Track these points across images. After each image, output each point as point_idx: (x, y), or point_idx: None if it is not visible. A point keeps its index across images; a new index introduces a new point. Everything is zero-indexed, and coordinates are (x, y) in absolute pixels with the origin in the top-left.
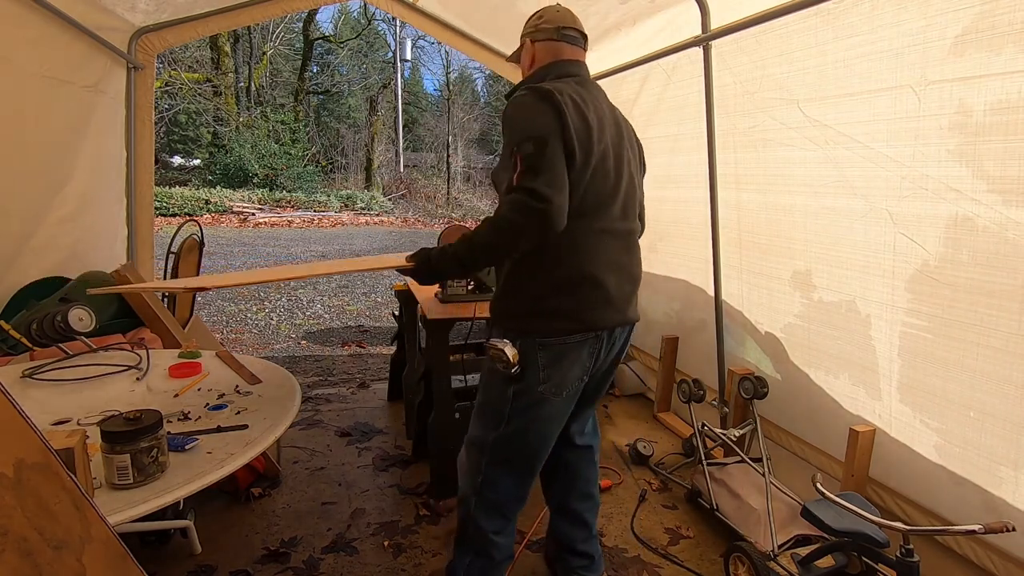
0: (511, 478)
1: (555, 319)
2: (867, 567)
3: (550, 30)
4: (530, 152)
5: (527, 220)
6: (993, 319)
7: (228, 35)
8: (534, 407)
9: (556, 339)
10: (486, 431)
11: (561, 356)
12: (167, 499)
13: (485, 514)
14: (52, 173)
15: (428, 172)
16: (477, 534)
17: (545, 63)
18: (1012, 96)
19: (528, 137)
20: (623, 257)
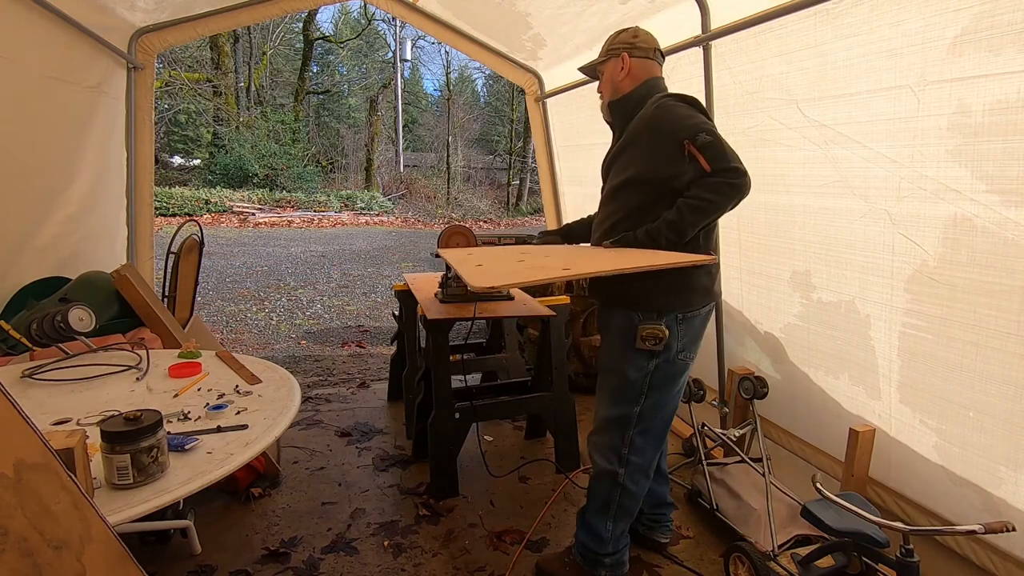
0: (651, 444)
1: (695, 294)
2: (867, 567)
3: (648, 50)
4: (710, 141)
5: (731, 197)
6: (992, 319)
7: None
8: (674, 376)
9: (693, 311)
10: (628, 406)
11: (695, 326)
12: (167, 499)
13: (635, 480)
14: (53, 173)
15: (428, 172)
16: (626, 499)
17: (647, 77)
18: (1011, 96)
19: (700, 130)
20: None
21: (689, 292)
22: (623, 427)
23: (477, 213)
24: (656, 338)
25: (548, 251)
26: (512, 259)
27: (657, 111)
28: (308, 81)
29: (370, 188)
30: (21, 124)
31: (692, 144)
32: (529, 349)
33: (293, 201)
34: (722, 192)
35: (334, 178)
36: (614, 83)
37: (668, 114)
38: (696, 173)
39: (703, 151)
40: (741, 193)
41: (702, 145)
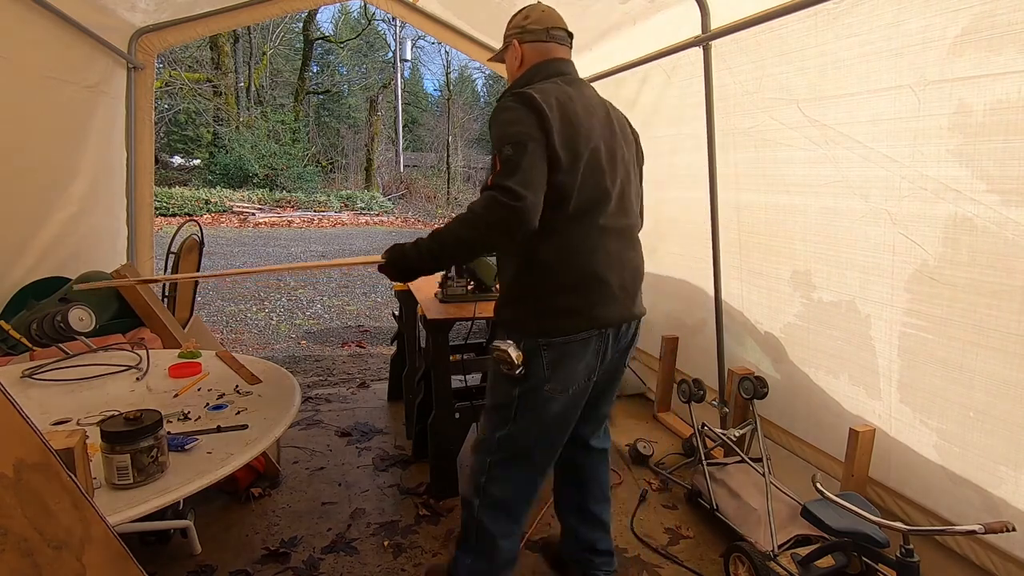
0: (515, 478)
1: (562, 318)
2: (867, 567)
3: (539, 31)
4: (509, 155)
5: (498, 216)
6: (992, 319)
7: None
8: (540, 407)
9: (561, 338)
10: (492, 430)
11: (566, 355)
12: (167, 499)
13: (491, 516)
14: (53, 173)
15: (428, 172)
16: (481, 536)
17: (534, 63)
18: (1012, 96)
19: (509, 141)
20: (625, 252)
21: (552, 315)
22: (485, 452)
23: None
24: (506, 362)
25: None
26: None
27: (493, 113)
28: (308, 81)
29: (370, 188)
30: (20, 124)
31: (498, 156)
32: None
33: (293, 201)
34: (487, 207)
35: (334, 178)
36: (511, 75)
37: (498, 118)
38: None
39: (501, 164)
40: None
41: (503, 159)
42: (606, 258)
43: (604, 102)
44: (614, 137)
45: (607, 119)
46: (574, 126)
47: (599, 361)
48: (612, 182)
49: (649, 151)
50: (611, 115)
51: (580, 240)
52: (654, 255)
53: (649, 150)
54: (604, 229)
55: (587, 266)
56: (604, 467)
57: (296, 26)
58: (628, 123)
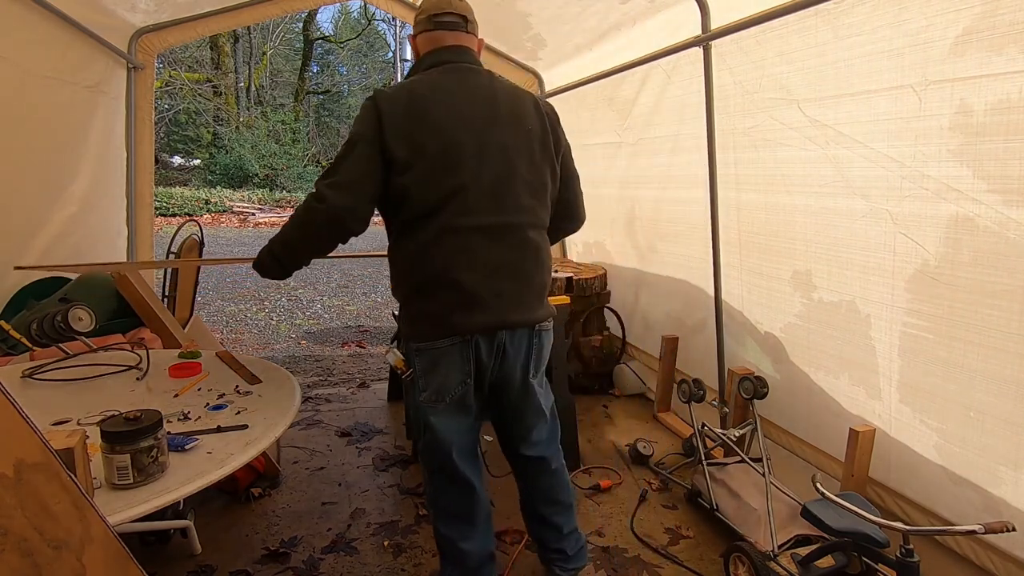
0: (448, 484)
1: (422, 323)
2: (867, 567)
3: (424, 20)
4: (339, 154)
5: (310, 217)
6: (994, 319)
7: (228, 35)
8: (429, 415)
9: (425, 344)
10: (417, 440)
11: (434, 361)
12: (167, 499)
13: (443, 522)
14: (53, 173)
15: None
16: (444, 543)
17: (420, 55)
18: (1013, 96)
19: (346, 141)
20: (495, 253)
21: (421, 320)
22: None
23: None
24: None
25: None
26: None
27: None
28: (308, 81)
29: None
30: (20, 124)
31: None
32: None
33: (293, 201)
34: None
35: None
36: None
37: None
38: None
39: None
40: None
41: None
42: (464, 259)
43: (496, 89)
44: (492, 127)
45: (489, 107)
46: (421, 121)
47: (473, 368)
48: (476, 176)
49: (649, 151)
50: (500, 104)
51: (427, 241)
52: (654, 255)
53: (649, 150)
54: (460, 229)
55: (437, 269)
56: (544, 475)
57: (296, 26)
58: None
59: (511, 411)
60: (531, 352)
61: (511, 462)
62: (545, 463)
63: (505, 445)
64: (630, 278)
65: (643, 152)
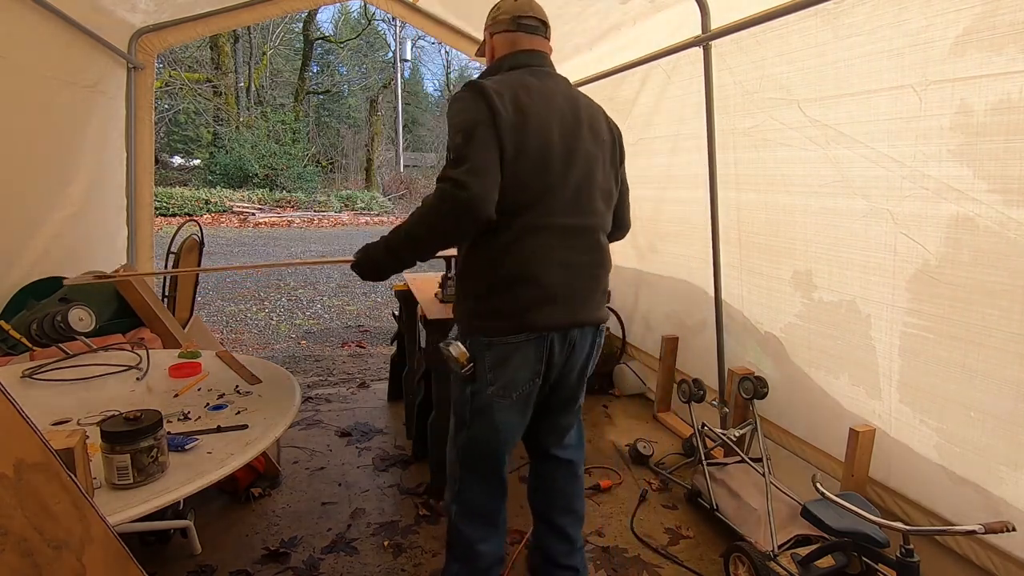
0: (482, 483)
1: (495, 319)
2: (867, 567)
3: (506, 21)
4: (457, 143)
5: (448, 208)
6: (994, 319)
7: (228, 35)
8: (487, 409)
9: (499, 339)
10: (456, 434)
11: (506, 357)
12: (167, 499)
13: (467, 521)
14: (53, 173)
15: (428, 172)
16: (459, 541)
17: (501, 55)
18: (1013, 96)
19: (459, 130)
20: (572, 254)
21: (492, 316)
22: (454, 456)
23: None
24: (450, 359)
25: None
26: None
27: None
28: (308, 81)
29: (370, 188)
30: (20, 123)
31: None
32: None
33: (293, 201)
34: (439, 199)
35: (334, 178)
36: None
37: (451, 109)
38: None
39: (449, 153)
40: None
41: (451, 147)
42: (545, 258)
43: (576, 96)
44: (577, 133)
45: (573, 114)
46: (525, 117)
47: (543, 366)
48: (563, 179)
49: (649, 151)
50: (581, 110)
51: (516, 238)
52: (654, 255)
53: (649, 150)
54: (546, 228)
55: (520, 265)
56: (570, 479)
57: (296, 26)
58: (606, 121)
59: (556, 409)
60: (592, 351)
61: (537, 464)
62: (573, 467)
63: (536, 445)
64: (630, 278)
65: (643, 152)
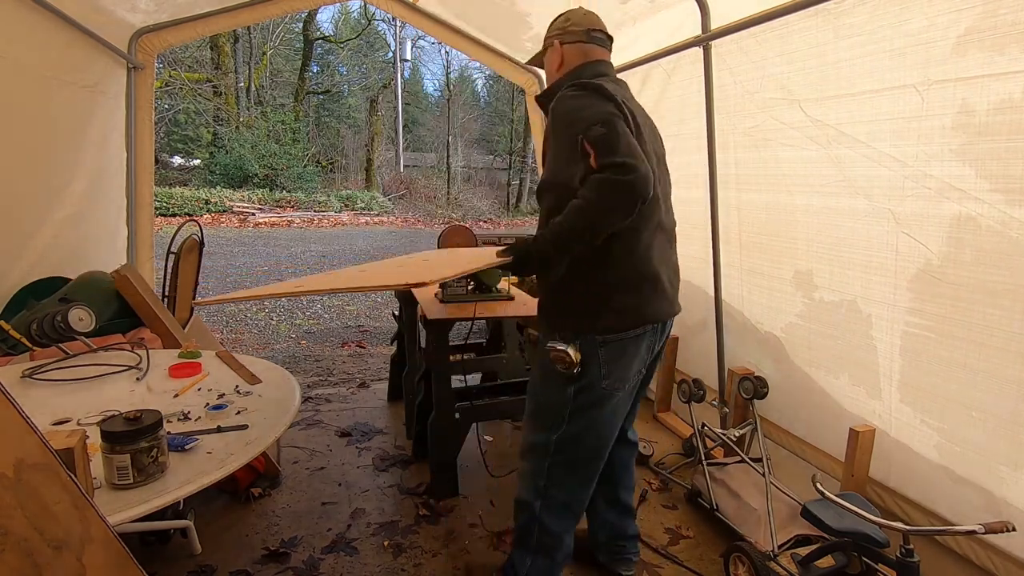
0: (576, 477)
1: (618, 315)
2: (867, 567)
3: (580, 32)
4: (602, 132)
5: (617, 195)
6: (996, 318)
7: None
8: (596, 404)
9: (616, 335)
10: (547, 434)
11: (622, 351)
12: (167, 499)
13: (555, 516)
14: (52, 173)
15: (428, 172)
16: (544, 536)
17: (577, 64)
18: (1015, 96)
19: (594, 122)
20: (669, 251)
21: (609, 314)
22: (541, 455)
23: (477, 213)
24: (563, 361)
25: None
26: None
27: (556, 105)
28: (308, 81)
29: (370, 188)
30: (20, 123)
31: (586, 139)
32: (529, 349)
33: (293, 201)
34: (602, 189)
35: (334, 178)
36: (550, 75)
37: (563, 108)
38: (586, 170)
39: (594, 145)
40: (629, 191)
41: (593, 139)
42: (659, 255)
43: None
44: (658, 138)
45: (652, 122)
46: (635, 119)
47: (649, 355)
48: (659, 182)
49: None
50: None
51: (636, 238)
52: None
53: None
54: (656, 228)
55: (642, 264)
56: (634, 458)
57: (296, 26)
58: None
59: (638, 395)
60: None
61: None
62: (636, 447)
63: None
64: None
65: None
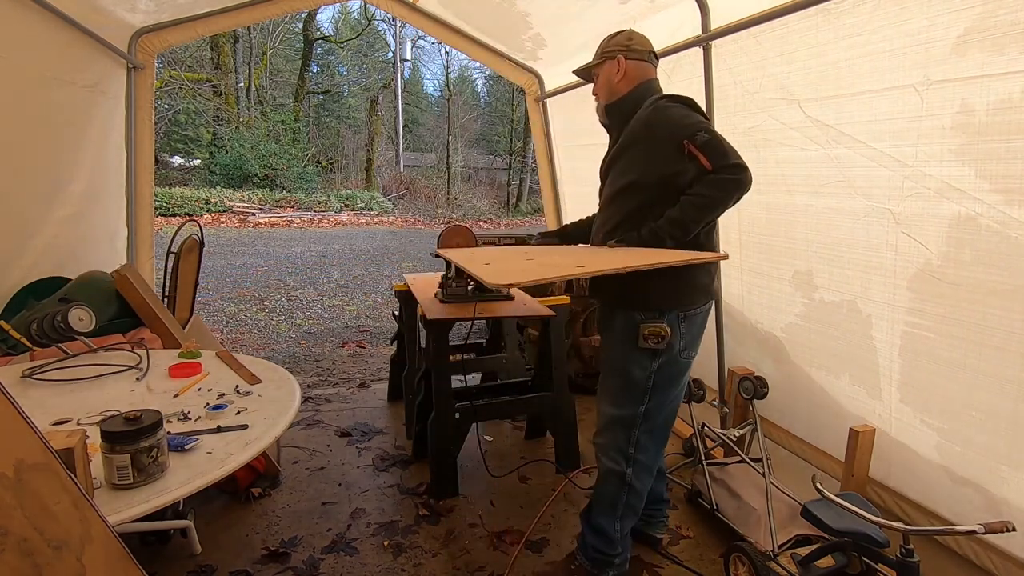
0: (657, 442)
1: (696, 292)
2: (867, 567)
3: (643, 52)
4: (708, 138)
5: (733, 191)
6: (995, 318)
7: (228, 35)
8: (677, 375)
9: (694, 310)
10: (632, 407)
11: (696, 324)
12: (167, 499)
13: (644, 477)
14: (52, 173)
15: (428, 172)
16: (632, 497)
17: (641, 80)
18: (1015, 96)
19: (699, 129)
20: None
21: (690, 291)
22: (628, 427)
23: (477, 213)
24: (658, 336)
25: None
26: (520, 258)
27: (654, 113)
28: (308, 81)
29: (370, 188)
30: (20, 123)
31: (692, 144)
32: (529, 349)
33: (293, 201)
34: (724, 187)
35: (334, 178)
36: (610, 86)
37: (664, 115)
38: (697, 172)
39: (703, 149)
40: (743, 188)
41: (702, 144)
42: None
43: None
44: None
45: None
46: None
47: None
48: None
49: None
50: None
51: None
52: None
53: None
54: None
55: (713, 246)
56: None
57: (296, 26)
58: None
59: None
60: None
61: None
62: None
63: None
64: None
65: None
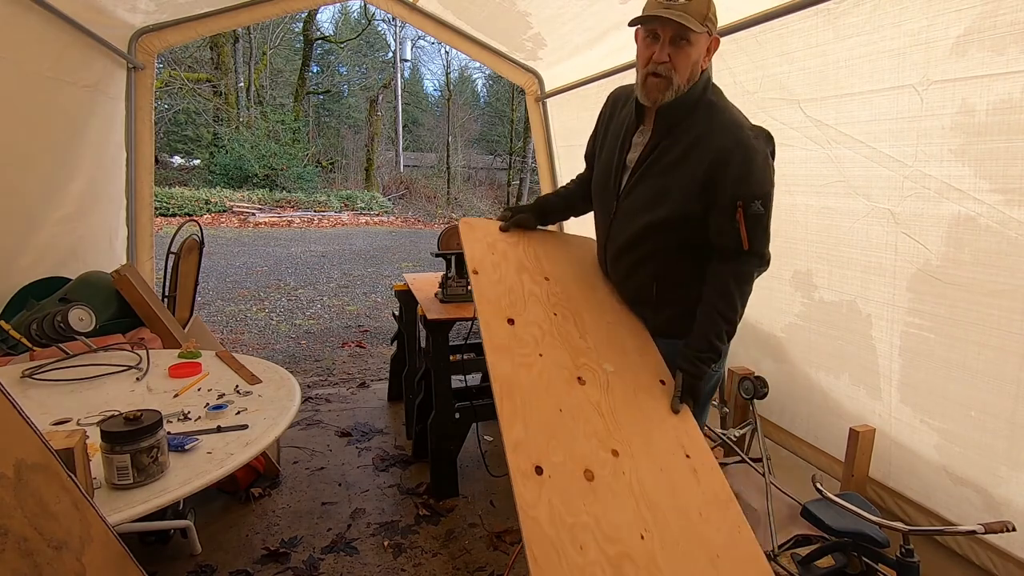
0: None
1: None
2: (867, 567)
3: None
4: (761, 214)
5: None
6: (995, 318)
7: (228, 35)
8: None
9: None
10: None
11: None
12: (167, 499)
13: None
14: (52, 173)
15: (428, 172)
16: None
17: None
18: (1015, 96)
19: (758, 196)
20: None
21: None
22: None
23: (477, 213)
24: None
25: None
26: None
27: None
28: (308, 81)
29: (370, 188)
30: (19, 123)
31: (744, 210)
32: None
33: (293, 201)
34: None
35: (334, 178)
36: (694, 69)
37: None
38: (732, 243)
39: (750, 223)
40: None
41: (752, 216)
42: None
43: None
44: None
45: None
46: None
47: None
48: None
49: None
50: None
51: None
52: None
53: None
54: None
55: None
56: None
57: (296, 26)
58: None
59: None
60: None
61: None
62: None
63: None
64: None
65: None
